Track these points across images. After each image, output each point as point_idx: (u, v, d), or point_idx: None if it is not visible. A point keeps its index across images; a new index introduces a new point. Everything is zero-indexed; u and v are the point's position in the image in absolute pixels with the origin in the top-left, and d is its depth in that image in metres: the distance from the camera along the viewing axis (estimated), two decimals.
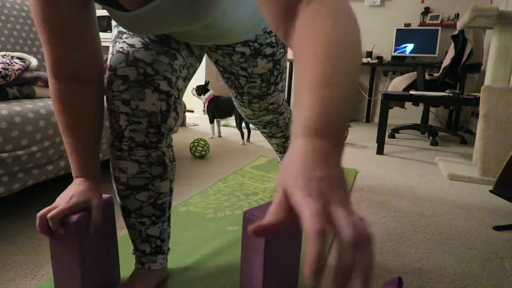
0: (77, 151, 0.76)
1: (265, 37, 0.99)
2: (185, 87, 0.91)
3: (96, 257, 0.78)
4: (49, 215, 0.68)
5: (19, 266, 0.95)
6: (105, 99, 0.81)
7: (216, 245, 1.10)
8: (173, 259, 1.01)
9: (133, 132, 0.77)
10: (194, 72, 0.96)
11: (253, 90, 1.10)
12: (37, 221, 0.69)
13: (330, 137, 0.39)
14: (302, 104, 0.40)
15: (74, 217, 0.70)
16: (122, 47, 0.79)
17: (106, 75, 0.80)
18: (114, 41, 0.82)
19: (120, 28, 0.83)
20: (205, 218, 1.30)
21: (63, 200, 0.71)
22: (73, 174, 0.77)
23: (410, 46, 3.86)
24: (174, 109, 0.83)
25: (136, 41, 0.79)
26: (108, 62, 0.81)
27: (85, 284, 0.74)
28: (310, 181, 0.34)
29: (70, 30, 0.69)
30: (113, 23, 0.87)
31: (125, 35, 0.81)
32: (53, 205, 0.71)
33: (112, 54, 0.81)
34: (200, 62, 0.99)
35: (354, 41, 0.45)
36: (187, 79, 0.91)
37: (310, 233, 0.30)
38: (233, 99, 1.20)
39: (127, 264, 0.99)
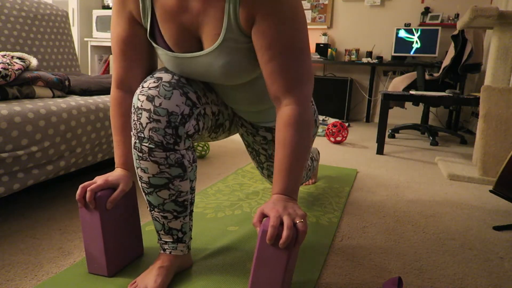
0: (122, 147, 0.92)
1: None
2: (211, 122, 0.98)
3: (117, 229, 0.92)
4: (89, 188, 0.84)
5: (19, 266, 0.95)
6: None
7: (217, 245, 1.10)
8: None
9: (152, 131, 0.82)
10: (220, 124, 1.06)
11: (272, 168, 1.26)
12: (79, 191, 0.85)
13: (290, 194, 0.77)
14: (276, 179, 0.78)
15: (98, 193, 0.86)
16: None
17: None
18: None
19: None
20: (205, 218, 1.30)
21: (101, 178, 0.88)
22: (116, 164, 0.93)
23: (414, 46, 3.86)
24: (196, 119, 0.88)
25: None
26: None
27: (108, 248, 0.89)
28: (274, 207, 0.73)
29: (140, 56, 0.90)
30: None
31: None
32: (92, 180, 0.88)
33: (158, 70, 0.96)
34: (229, 122, 1.12)
35: (307, 144, 0.80)
36: (214, 115, 1.00)
37: (270, 226, 0.69)
38: (256, 167, 1.35)
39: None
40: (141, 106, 0.82)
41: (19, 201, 1.38)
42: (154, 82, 0.85)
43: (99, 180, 0.87)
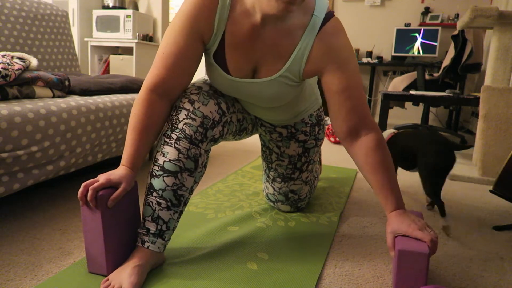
0: (134, 147, 0.93)
1: (301, 126, 1.25)
2: (235, 127, 1.12)
3: (118, 229, 0.92)
4: (91, 186, 0.85)
5: (19, 266, 0.95)
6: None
7: (218, 245, 1.10)
8: (173, 255, 1.01)
9: (186, 125, 0.94)
10: (244, 128, 1.20)
11: (280, 168, 1.31)
12: (81, 189, 0.85)
13: (403, 207, 0.94)
14: (389, 197, 0.94)
15: (100, 192, 0.86)
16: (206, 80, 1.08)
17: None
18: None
19: None
20: (206, 218, 1.30)
21: (104, 176, 0.88)
22: (121, 162, 0.93)
23: (415, 46, 3.86)
24: (222, 126, 1.01)
25: None
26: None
27: (108, 248, 0.89)
28: (409, 226, 0.89)
29: (191, 69, 0.96)
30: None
31: None
32: (95, 178, 0.88)
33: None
34: (252, 125, 1.25)
35: (391, 160, 0.98)
36: (239, 122, 1.14)
37: (432, 243, 0.85)
38: (263, 172, 1.41)
39: None
40: (182, 106, 0.96)
41: (19, 201, 1.38)
42: (195, 90, 0.99)
43: (101, 178, 0.88)
